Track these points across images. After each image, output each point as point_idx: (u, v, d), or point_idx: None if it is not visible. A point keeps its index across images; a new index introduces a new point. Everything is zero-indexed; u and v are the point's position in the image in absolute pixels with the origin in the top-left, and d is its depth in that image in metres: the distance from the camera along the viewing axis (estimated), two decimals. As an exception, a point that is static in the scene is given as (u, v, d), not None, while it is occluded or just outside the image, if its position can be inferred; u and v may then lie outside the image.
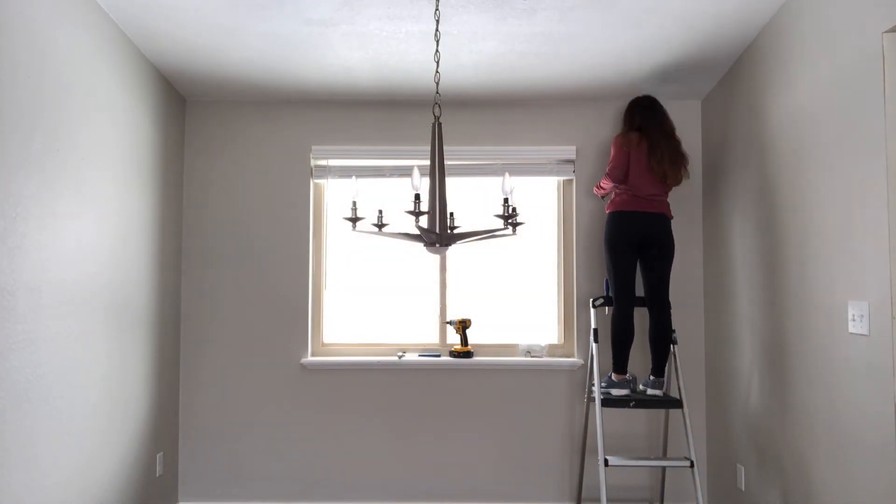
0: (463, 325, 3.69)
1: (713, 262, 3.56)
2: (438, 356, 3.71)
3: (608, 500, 3.52)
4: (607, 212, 3.33)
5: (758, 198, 2.99)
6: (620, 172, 3.26)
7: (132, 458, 3.10)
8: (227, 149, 3.75)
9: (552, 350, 3.79)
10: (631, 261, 3.23)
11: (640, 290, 3.36)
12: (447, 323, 3.77)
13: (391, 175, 3.76)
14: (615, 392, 3.22)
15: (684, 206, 3.70)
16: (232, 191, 3.74)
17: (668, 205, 3.29)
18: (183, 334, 3.70)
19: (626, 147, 3.24)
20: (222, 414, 3.68)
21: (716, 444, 3.53)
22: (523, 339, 3.79)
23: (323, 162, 3.78)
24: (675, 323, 3.66)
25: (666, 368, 3.27)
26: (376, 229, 2.40)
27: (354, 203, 2.41)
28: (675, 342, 3.30)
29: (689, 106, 3.74)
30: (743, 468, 3.15)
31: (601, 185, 3.42)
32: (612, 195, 3.34)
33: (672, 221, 3.32)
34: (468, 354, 3.68)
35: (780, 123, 2.75)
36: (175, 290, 3.62)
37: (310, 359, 3.68)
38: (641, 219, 3.20)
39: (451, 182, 3.77)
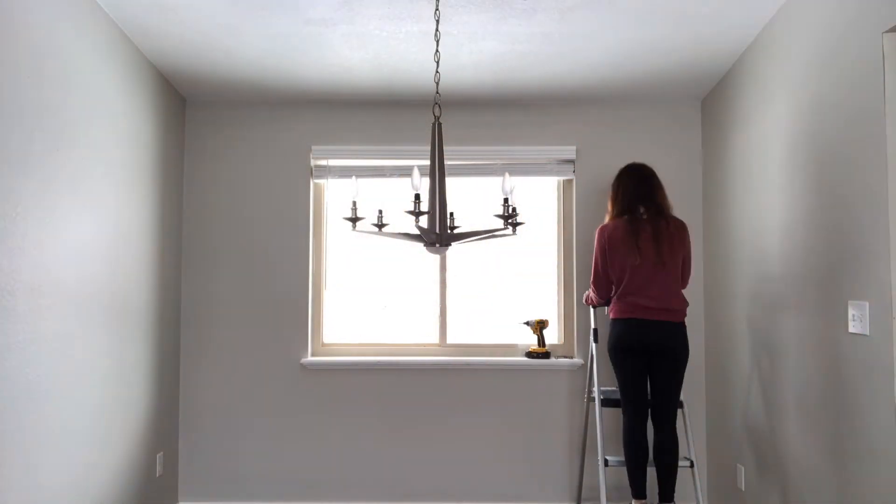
0: (540, 326, 3.66)
1: (713, 262, 3.56)
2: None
3: (608, 500, 3.51)
4: (609, 317, 2.95)
5: (757, 198, 2.98)
6: (604, 283, 2.85)
7: (132, 458, 3.10)
8: (227, 149, 3.75)
9: (552, 350, 3.78)
10: (637, 368, 2.79)
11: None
12: (525, 323, 3.69)
13: (391, 175, 3.76)
14: None
15: (685, 205, 3.70)
16: (232, 190, 3.74)
17: (678, 300, 2.79)
18: (183, 334, 3.70)
19: (607, 245, 2.78)
20: (222, 414, 3.68)
21: (716, 444, 3.53)
22: (524, 338, 3.80)
23: (323, 162, 3.78)
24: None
25: (674, 494, 2.87)
26: (376, 229, 2.40)
27: (354, 203, 2.41)
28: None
29: (689, 106, 3.74)
30: (743, 468, 3.15)
31: (589, 295, 3.06)
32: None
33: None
34: (546, 355, 3.64)
35: (780, 123, 2.75)
36: (175, 290, 3.62)
37: (310, 359, 3.68)
38: (644, 327, 2.73)
39: (451, 182, 3.75)
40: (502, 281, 3.87)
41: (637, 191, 2.86)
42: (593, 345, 3.33)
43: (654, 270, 2.75)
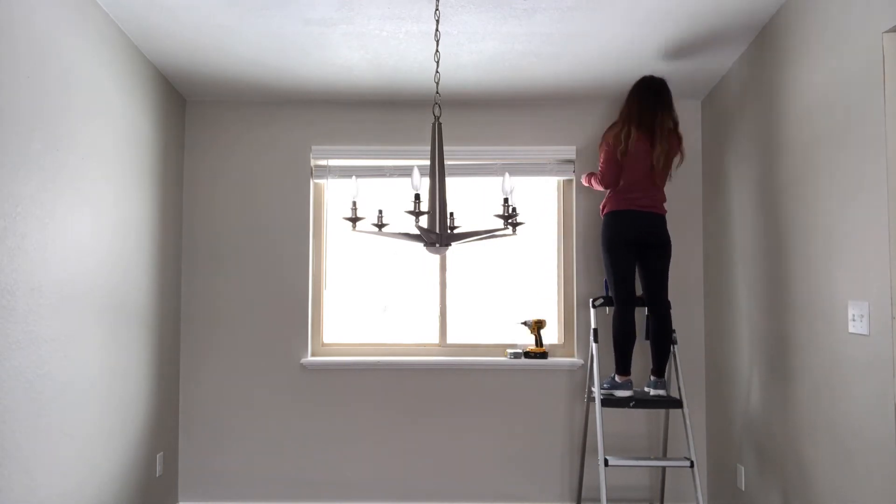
0: (538, 326, 3.67)
1: (713, 261, 3.56)
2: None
3: (608, 500, 3.52)
4: (602, 213, 3.30)
5: (758, 198, 2.99)
6: (613, 178, 3.20)
7: (132, 458, 3.10)
8: (226, 149, 3.75)
9: (552, 350, 3.79)
10: (629, 261, 3.18)
11: (639, 289, 3.36)
12: (522, 324, 3.71)
13: (391, 175, 3.76)
14: (618, 393, 3.19)
15: (685, 205, 3.70)
16: (232, 191, 3.74)
17: (662, 200, 3.21)
18: (183, 334, 3.70)
19: (619, 149, 3.12)
20: (222, 414, 3.68)
21: (716, 444, 3.53)
22: (524, 338, 3.80)
23: (323, 162, 3.78)
24: (675, 322, 3.66)
25: (666, 368, 3.25)
26: (376, 229, 2.40)
27: (354, 203, 2.41)
28: (675, 342, 3.28)
29: (689, 106, 3.74)
30: (743, 468, 3.15)
31: (591, 183, 3.41)
32: (606, 193, 3.30)
33: (673, 220, 3.29)
34: (543, 355, 3.65)
35: (780, 123, 2.75)
36: (175, 290, 3.62)
37: (310, 359, 3.68)
38: (637, 219, 3.14)
39: (451, 182, 3.75)
40: (502, 281, 3.87)
41: (655, 107, 3.16)
42: (593, 345, 3.33)
43: (653, 177, 3.16)
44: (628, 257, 3.18)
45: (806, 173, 2.54)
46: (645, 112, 3.14)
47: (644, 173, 3.13)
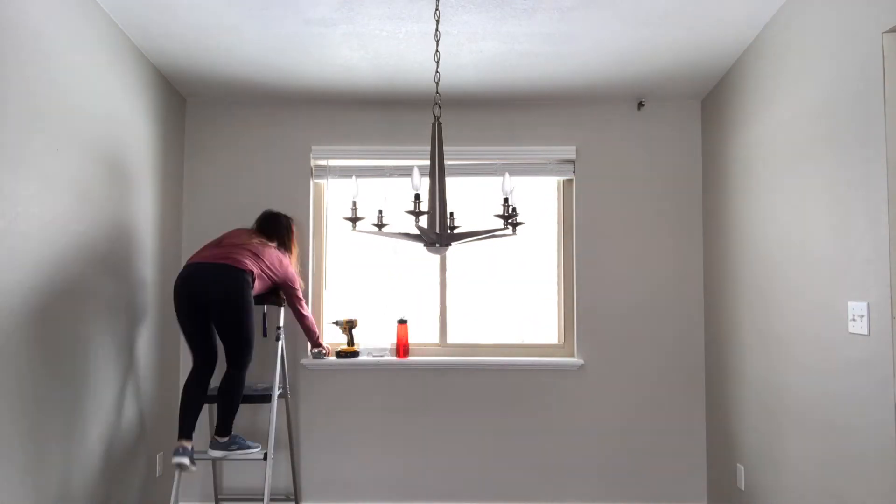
0: (349, 326, 3.69)
1: (713, 262, 3.56)
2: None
3: (606, 499, 3.50)
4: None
5: (758, 197, 2.99)
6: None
7: (132, 458, 3.10)
8: (226, 148, 3.75)
9: (552, 350, 3.79)
10: (195, 321, 2.98)
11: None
12: (334, 323, 3.73)
13: (391, 175, 3.76)
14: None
15: (685, 205, 3.70)
16: (232, 191, 3.74)
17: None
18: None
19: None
20: (222, 414, 3.68)
21: (716, 444, 3.53)
22: (523, 338, 3.80)
23: (323, 162, 3.78)
24: (675, 322, 3.69)
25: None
26: (376, 229, 2.40)
27: (354, 203, 2.41)
28: (278, 338, 3.35)
29: (689, 106, 3.74)
30: (743, 468, 3.15)
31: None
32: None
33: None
34: (354, 354, 3.67)
35: (781, 122, 2.75)
36: (175, 290, 3.62)
37: (310, 359, 3.68)
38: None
39: (451, 182, 3.77)
40: (502, 281, 3.87)
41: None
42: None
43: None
44: (196, 317, 2.97)
45: (806, 173, 2.54)
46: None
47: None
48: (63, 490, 2.50)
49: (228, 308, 2.92)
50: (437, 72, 2.56)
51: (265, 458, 3.10)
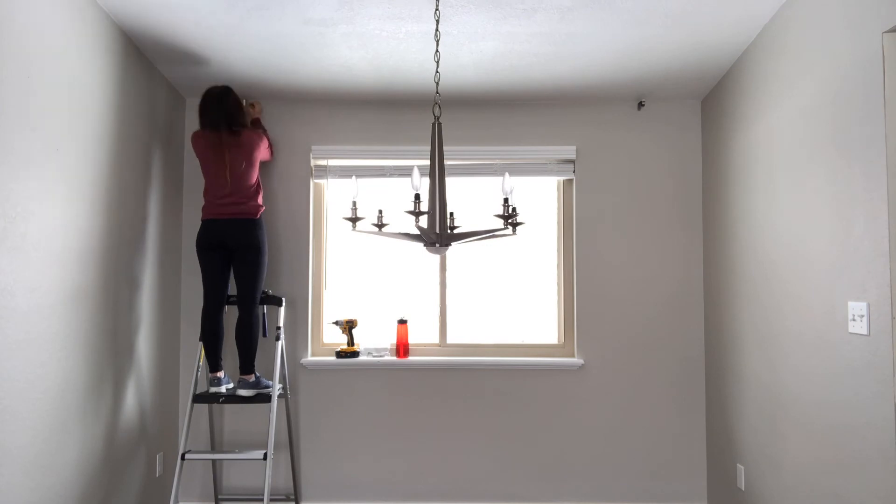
0: (349, 326, 3.69)
1: (713, 261, 3.56)
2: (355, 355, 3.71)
3: (605, 499, 3.51)
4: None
5: (758, 197, 2.99)
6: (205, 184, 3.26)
7: (132, 458, 3.10)
8: (227, 149, 3.75)
9: (552, 350, 3.79)
10: (215, 265, 3.22)
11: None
12: (334, 323, 3.73)
13: (391, 175, 3.76)
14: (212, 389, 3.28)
15: (685, 205, 3.70)
16: (232, 191, 3.73)
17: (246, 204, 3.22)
18: (183, 334, 3.70)
19: (197, 149, 3.21)
20: (223, 413, 3.68)
21: (716, 444, 3.53)
22: (523, 338, 3.80)
23: (323, 162, 3.78)
24: (676, 322, 3.69)
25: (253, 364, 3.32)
26: (376, 229, 2.40)
27: (354, 203, 2.41)
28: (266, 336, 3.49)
29: (689, 106, 3.74)
30: (743, 468, 3.15)
31: None
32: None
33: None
34: (354, 354, 3.68)
35: (781, 122, 2.75)
36: (175, 290, 3.62)
37: (310, 359, 3.68)
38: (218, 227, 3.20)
39: (451, 182, 3.77)
40: (502, 281, 3.87)
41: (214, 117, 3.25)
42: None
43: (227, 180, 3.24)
44: (215, 260, 3.22)
45: (806, 173, 2.54)
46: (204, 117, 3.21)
47: (221, 178, 3.19)
48: (63, 490, 2.50)
49: (251, 252, 3.23)
50: (437, 72, 2.56)
51: (265, 458, 3.10)
